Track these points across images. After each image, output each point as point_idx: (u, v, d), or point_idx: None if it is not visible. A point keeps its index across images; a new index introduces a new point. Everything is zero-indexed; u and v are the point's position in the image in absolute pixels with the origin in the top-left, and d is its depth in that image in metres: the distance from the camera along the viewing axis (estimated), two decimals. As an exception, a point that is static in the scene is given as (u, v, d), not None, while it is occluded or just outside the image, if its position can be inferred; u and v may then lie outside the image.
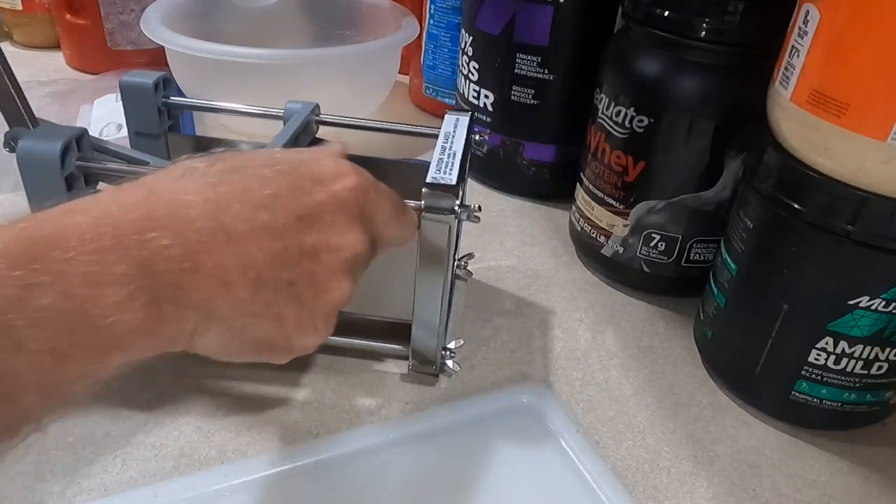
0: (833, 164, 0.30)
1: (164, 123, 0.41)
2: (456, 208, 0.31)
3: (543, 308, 0.43)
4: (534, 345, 0.40)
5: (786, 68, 0.31)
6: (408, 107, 0.71)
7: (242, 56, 0.53)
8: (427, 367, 0.36)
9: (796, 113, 0.31)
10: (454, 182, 0.32)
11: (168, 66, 0.59)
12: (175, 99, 0.41)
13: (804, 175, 0.31)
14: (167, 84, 0.41)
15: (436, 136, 0.37)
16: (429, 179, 0.32)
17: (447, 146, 0.35)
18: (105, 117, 0.56)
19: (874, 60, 0.27)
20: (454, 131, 0.37)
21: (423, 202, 0.31)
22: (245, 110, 0.41)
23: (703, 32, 0.37)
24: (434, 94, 0.67)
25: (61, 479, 0.30)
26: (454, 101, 0.60)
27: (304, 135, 0.39)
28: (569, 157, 0.52)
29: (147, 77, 0.39)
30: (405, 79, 0.72)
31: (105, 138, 0.53)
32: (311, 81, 0.58)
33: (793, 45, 0.31)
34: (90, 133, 0.33)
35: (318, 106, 0.40)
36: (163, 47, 0.57)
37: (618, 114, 0.41)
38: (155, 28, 0.56)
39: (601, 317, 0.43)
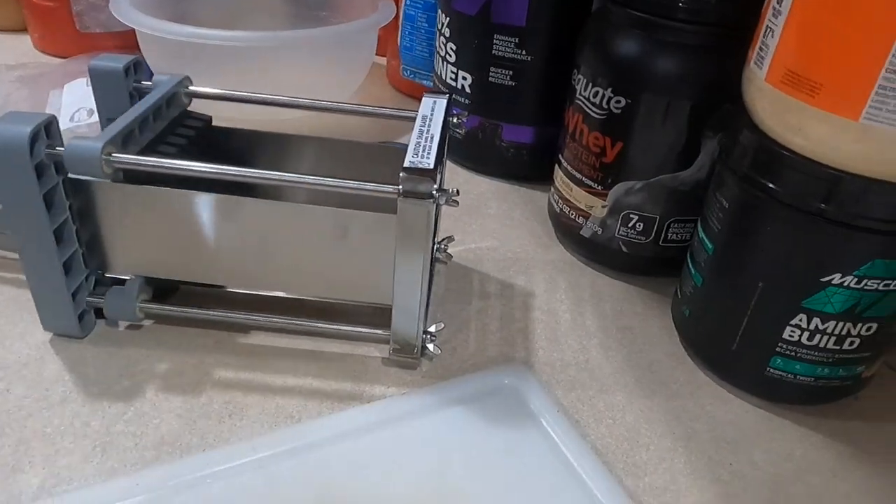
0: (807, 143, 0.30)
1: (137, 108, 0.40)
2: (434, 192, 0.31)
3: (524, 290, 0.43)
4: (514, 326, 0.40)
5: (760, 48, 0.31)
6: (386, 89, 0.71)
7: (215, 39, 0.52)
8: (408, 351, 0.36)
9: (771, 93, 0.31)
10: (432, 166, 0.31)
11: (140, 49, 0.58)
12: (147, 84, 0.40)
13: (779, 155, 0.31)
14: (138, 68, 0.40)
15: (411, 119, 0.36)
16: (406, 163, 0.31)
17: (424, 129, 0.35)
18: (76, 102, 0.55)
19: (845, 40, 0.27)
20: (431, 114, 0.37)
21: (400, 186, 0.31)
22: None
23: (681, 13, 0.37)
24: (412, 76, 0.66)
25: (40, 469, 0.30)
26: (432, 83, 0.60)
27: (173, 107, 0.39)
28: (547, 138, 0.52)
29: (117, 61, 0.38)
30: (383, 60, 0.71)
31: (77, 123, 0.52)
32: (288, 64, 0.57)
33: (767, 25, 0.31)
34: (61, 120, 0.33)
35: (187, 78, 0.40)
36: (134, 30, 0.56)
37: (595, 95, 0.41)
38: (125, 10, 0.55)
39: (581, 297, 0.43)
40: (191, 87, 0.40)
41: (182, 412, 0.33)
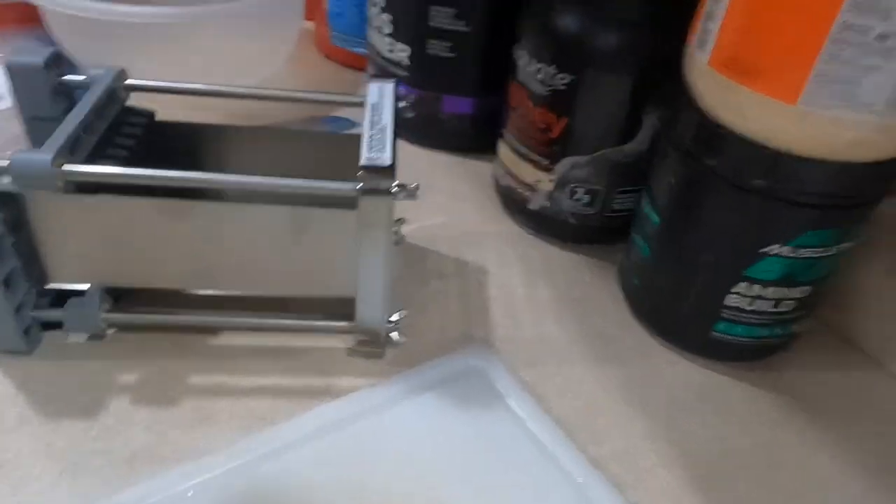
0: (746, 124, 0.32)
1: (61, 104, 0.38)
2: (394, 189, 0.31)
3: (477, 266, 0.44)
4: (472, 305, 0.41)
5: (702, 32, 0.32)
6: (317, 58, 0.68)
7: (127, 15, 0.48)
8: (374, 341, 0.37)
9: (712, 76, 0.32)
10: (389, 162, 0.31)
11: (46, 27, 0.54)
12: (75, 78, 0.37)
13: (719, 134, 0.33)
14: (60, 60, 0.37)
15: (358, 105, 0.36)
16: (363, 161, 0.31)
17: (376, 120, 0.34)
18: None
19: (783, 27, 0.29)
20: (380, 101, 0.36)
21: (360, 185, 0.31)
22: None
23: (620, -10, 0.37)
24: (343, 43, 0.64)
25: (10, 500, 0.29)
26: (365, 50, 0.58)
27: (112, 104, 0.37)
28: (489, 108, 0.52)
29: (36, 55, 0.36)
30: (314, 26, 0.69)
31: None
32: (211, 39, 0.54)
33: (708, 10, 0.32)
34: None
35: (123, 71, 0.38)
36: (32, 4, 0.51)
37: (539, 71, 0.41)
38: (27, -15, 0.51)
39: (532, 270, 0.45)
40: (129, 81, 0.38)
41: (150, 423, 0.32)
